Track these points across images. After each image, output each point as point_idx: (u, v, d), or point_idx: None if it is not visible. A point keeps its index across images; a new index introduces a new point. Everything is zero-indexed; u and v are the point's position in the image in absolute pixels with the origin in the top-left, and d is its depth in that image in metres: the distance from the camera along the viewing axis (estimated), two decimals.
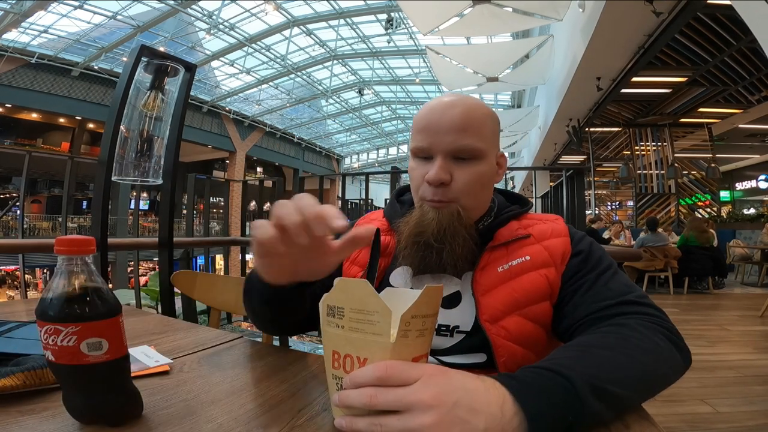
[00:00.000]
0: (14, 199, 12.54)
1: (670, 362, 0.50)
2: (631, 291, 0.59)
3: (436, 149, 0.63)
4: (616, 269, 0.63)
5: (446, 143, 0.62)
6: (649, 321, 0.53)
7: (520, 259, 0.63)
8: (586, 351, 0.46)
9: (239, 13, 11.29)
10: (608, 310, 0.56)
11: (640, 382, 0.45)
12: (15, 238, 6.90)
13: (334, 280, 0.42)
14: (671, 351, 0.50)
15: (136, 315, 0.90)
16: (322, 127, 20.58)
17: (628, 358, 0.46)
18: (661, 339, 0.50)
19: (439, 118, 0.63)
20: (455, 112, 0.63)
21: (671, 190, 8.55)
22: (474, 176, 0.63)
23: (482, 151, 0.63)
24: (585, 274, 0.61)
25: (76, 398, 0.40)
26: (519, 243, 0.65)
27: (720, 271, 5.78)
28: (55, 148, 12.84)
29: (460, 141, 0.62)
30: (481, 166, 0.64)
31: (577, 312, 0.59)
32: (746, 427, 1.82)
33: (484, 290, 0.62)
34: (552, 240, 0.65)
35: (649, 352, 0.48)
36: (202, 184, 3.52)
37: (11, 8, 8.75)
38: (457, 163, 0.63)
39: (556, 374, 0.40)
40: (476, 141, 0.63)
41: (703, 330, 3.56)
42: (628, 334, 0.49)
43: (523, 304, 0.60)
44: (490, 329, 0.60)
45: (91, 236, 0.44)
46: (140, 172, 1.32)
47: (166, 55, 1.36)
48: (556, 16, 5.11)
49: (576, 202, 2.74)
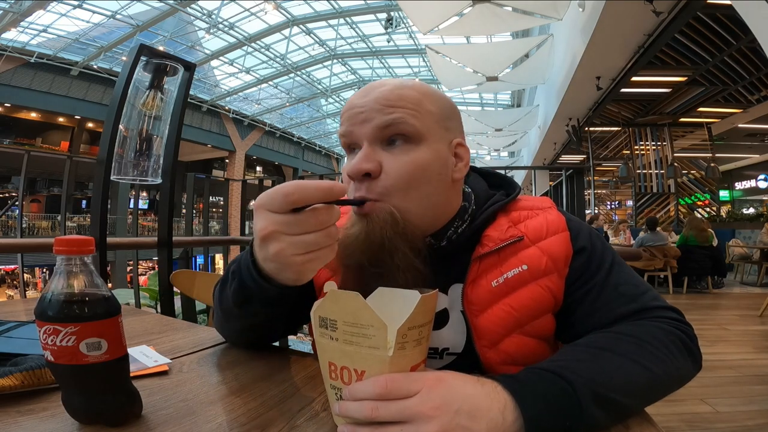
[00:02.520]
0: (13, 198, 12.52)
1: (681, 372, 0.48)
2: (643, 292, 0.54)
3: (359, 133, 0.51)
4: (620, 261, 0.56)
5: (371, 125, 0.50)
6: (667, 325, 0.50)
7: (516, 269, 0.53)
8: (597, 354, 0.45)
9: (239, 13, 11.28)
10: (626, 319, 0.52)
11: (646, 391, 0.44)
12: (14, 237, 6.90)
13: (324, 289, 0.41)
14: (684, 360, 0.48)
15: (135, 315, 0.89)
16: (321, 126, 20.57)
17: (638, 366, 0.44)
18: (677, 347, 0.48)
19: (363, 99, 0.51)
20: (384, 88, 0.51)
21: (671, 190, 8.56)
22: (410, 163, 0.49)
23: (418, 132, 0.50)
24: (591, 275, 0.54)
25: (75, 398, 0.40)
26: (512, 248, 0.54)
27: (719, 270, 5.78)
28: (54, 148, 12.83)
29: (387, 117, 0.49)
30: (419, 152, 0.50)
31: (589, 321, 0.53)
32: (745, 426, 1.82)
33: (478, 310, 0.53)
34: (550, 239, 0.54)
35: (662, 362, 0.45)
36: (201, 183, 3.51)
37: (10, 7, 8.73)
38: (388, 149, 0.51)
39: (559, 377, 0.40)
40: (409, 118, 0.50)
41: (703, 329, 3.57)
42: (643, 340, 0.46)
43: (524, 322, 0.53)
44: (487, 355, 0.53)
45: (91, 236, 0.43)
46: (139, 172, 1.32)
47: (165, 55, 1.36)
48: (556, 15, 5.11)
49: (576, 201, 2.74)
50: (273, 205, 0.39)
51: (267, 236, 0.40)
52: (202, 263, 9.29)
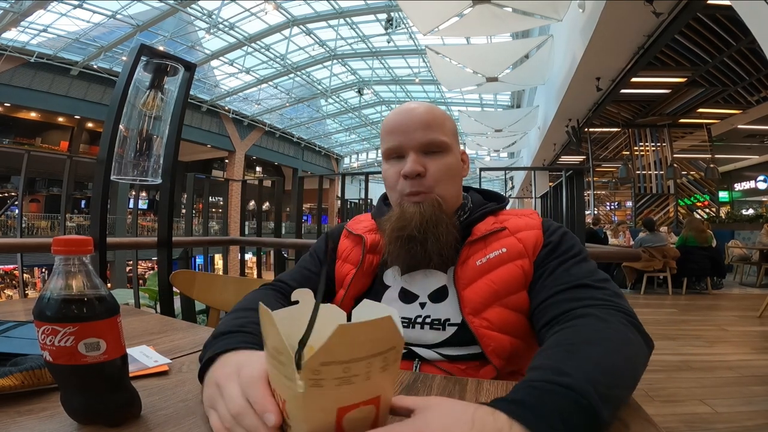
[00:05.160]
0: (13, 198, 12.52)
1: (643, 353, 0.49)
2: (592, 276, 0.61)
3: (408, 146, 0.70)
4: (585, 257, 0.65)
5: (417, 139, 0.70)
6: (611, 309, 0.53)
7: (497, 251, 0.67)
8: (572, 351, 0.43)
9: (239, 13, 11.28)
10: (565, 293, 0.58)
11: (631, 379, 0.44)
12: (13, 237, 6.89)
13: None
14: (639, 341, 0.50)
15: (134, 315, 0.89)
16: (321, 126, 20.58)
17: (619, 357, 0.44)
18: (629, 330, 0.50)
19: (406, 119, 0.71)
20: (420, 111, 0.71)
21: (670, 191, 8.57)
22: (445, 166, 0.71)
23: (448, 144, 0.71)
24: (550, 261, 0.65)
25: (75, 398, 0.40)
26: (495, 236, 0.69)
27: (718, 271, 5.78)
28: (54, 147, 12.83)
29: (429, 135, 0.70)
30: (449, 158, 0.71)
31: (539, 295, 0.62)
32: (745, 427, 1.82)
33: (464, 284, 0.66)
34: (525, 232, 0.69)
35: (628, 344, 0.47)
36: (201, 183, 3.51)
37: (10, 7, 8.73)
38: (428, 156, 0.70)
39: (566, 389, 0.36)
40: (441, 135, 0.71)
41: (702, 330, 3.57)
42: (605, 333, 0.48)
43: (502, 294, 0.64)
44: (473, 321, 0.64)
45: (90, 236, 0.43)
46: (139, 172, 1.32)
47: (165, 55, 1.36)
48: (556, 16, 5.11)
49: (575, 202, 2.74)
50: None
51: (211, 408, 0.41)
52: (202, 263, 9.29)
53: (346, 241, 0.79)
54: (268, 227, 12.16)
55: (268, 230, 11.53)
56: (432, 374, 0.56)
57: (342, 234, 0.81)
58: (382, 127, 0.74)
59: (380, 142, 0.74)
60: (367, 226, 0.79)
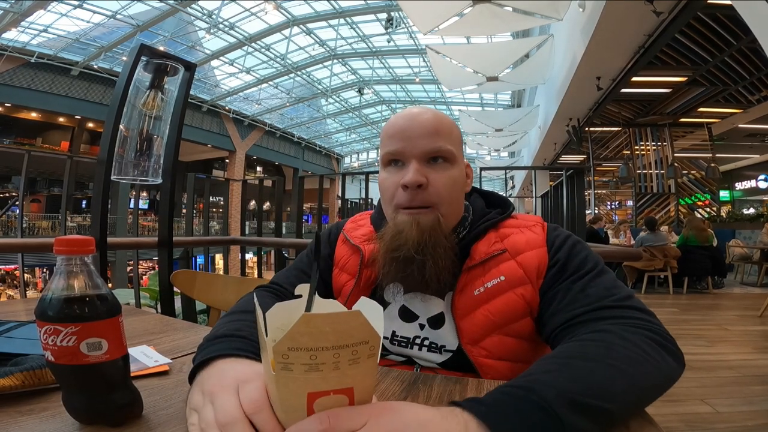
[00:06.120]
0: (13, 198, 12.53)
1: (661, 369, 0.47)
2: (612, 294, 0.56)
3: (410, 153, 0.63)
4: (600, 271, 0.60)
5: (421, 146, 0.63)
6: (632, 326, 0.50)
7: (495, 280, 0.63)
8: (565, 364, 0.43)
9: (239, 13, 11.28)
10: (584, 316, 0.54)
11: (627, 393, 0.42)
12: (14, 237, 6.90)
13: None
14: (661, 357, 0.47)
15: (135, 315, 0.89)
16: (321, 126, 20.57)
17: (611, 369, 0.43)
18: (648, 345, 0.47)
19: (411, 123, 0.64)
20: (427, 116, 0.65)
21: (671, 190, 8.55)
22: (449, 180, 0.64)
23: (454, 155, 0.65)
24: (562, 282, 0.60)
25: (76, 398, 0.40)
26: (495, 260, 0.64)
27: (719, 270, 5.78)
28: (54, 148, 12.84)
29: (435, 143, 0.63)
30: (453, 170, 0.65)
31: (553, 320, 0.58)
32: (745, 427, 1.82)
33: (462, 314, 0.63)
34: (527, 254, 0.64)
35: (636, 361, 0.45)
36: (201, 183, 3.51)
37: (11, 7, 8.73)
38: (431, 166, 0.64)
39: (529, 392, 0.38)
40: (448, 144, 0.64)
41: (703, 330, 3.57)
42: (611, 343, 0.47)
43: (501, 324, 0.61)
44: (471, 351, 0.62)
45: (91, 236, 0.44)
46: (140, 172, 1.32)
47: (165, 55, 1.36)
48: (556, 15, 5.11)
49: (576, 201, 2.74)
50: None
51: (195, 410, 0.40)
52: (203, 263, 9.29)
53: (344, 247, 0.76)
54: (269, 227, 12.17)
55: (268, 230, 11.56)
56: (432, 374, 0.57)
57: (339, 238, 0.78)
58: (383, 131, 0.67)
59: (380, 147, 0.68)
60: (366, 233, 0.75)
